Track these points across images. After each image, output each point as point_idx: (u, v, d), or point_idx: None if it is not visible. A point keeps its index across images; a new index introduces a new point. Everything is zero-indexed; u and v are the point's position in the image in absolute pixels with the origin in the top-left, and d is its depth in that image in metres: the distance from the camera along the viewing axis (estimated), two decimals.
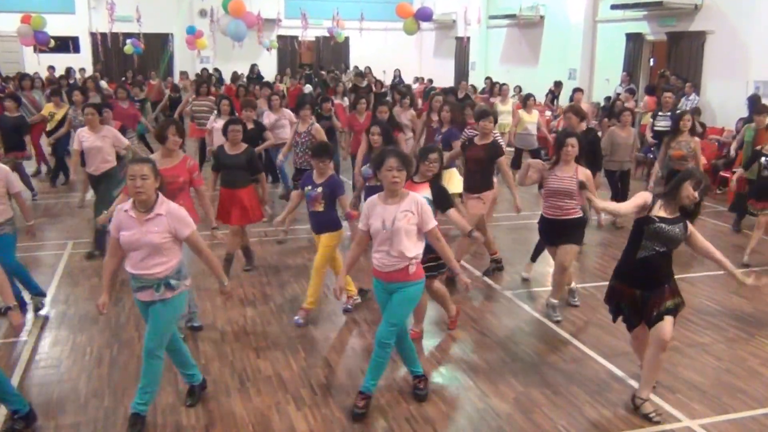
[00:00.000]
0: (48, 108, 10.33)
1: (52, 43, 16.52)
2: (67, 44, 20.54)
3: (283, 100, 9.84)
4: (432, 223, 3.89)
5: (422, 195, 4.42)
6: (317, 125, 7.64)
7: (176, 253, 3.75)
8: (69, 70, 17.09)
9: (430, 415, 4.05)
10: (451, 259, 4.03)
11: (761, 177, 6.74)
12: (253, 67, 19.11)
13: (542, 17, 17.26)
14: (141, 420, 3.81)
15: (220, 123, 7.50)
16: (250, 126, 7.82)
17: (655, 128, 9.10)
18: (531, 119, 9.68)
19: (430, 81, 19.20)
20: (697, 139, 7.41)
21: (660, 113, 9.22)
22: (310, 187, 5.22)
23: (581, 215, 5.34)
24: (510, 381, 4.45)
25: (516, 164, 9.33)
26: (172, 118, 6.66)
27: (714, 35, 12.38)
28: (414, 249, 3.85)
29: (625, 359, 4.72)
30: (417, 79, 20.50)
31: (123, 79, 16.47)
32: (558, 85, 15.39)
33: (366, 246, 4.07)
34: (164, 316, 3.74)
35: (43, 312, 5.48)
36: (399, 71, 19.70)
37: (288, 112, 9.23)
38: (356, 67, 20.71)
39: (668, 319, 3.90)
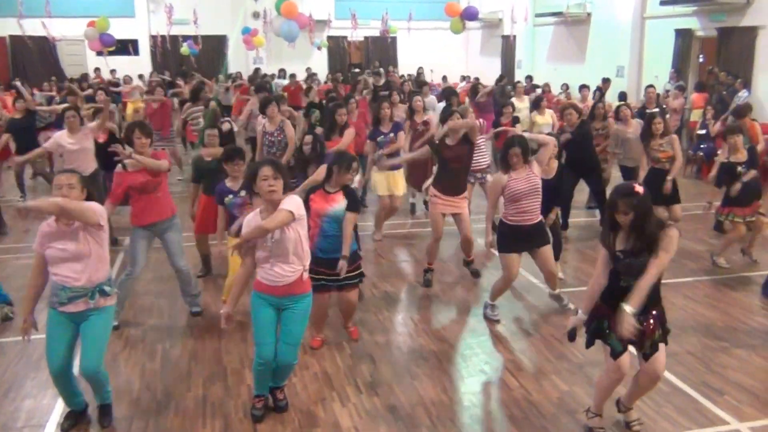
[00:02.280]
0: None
1: (113, 47, 17.11)
2: (127, 47, 21.29)
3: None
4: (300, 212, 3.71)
5: (338, 205, 4.51)
6: (288, 122, 7.44)
7: (105, 259, 3.70)
8: (85, 75, 17.62)
9: (475, 415, 4.08)
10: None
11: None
12: (308, 70, 19.19)
13: (589, 14, 16.98)
14: (110, 408, 3.93)
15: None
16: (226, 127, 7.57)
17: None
18: (545, 120, 9.46)
19: (477, 79, 19.12)
20: (674, 136, 7.07)
21: (647, 110, 8.85)
22: (231, 196, 5.10)
23: (542, 218, 5.22)
24: (554, 380, 4.44)
25: None
26: (139, 120, 6.65)
27: (766, 30, 11.96)
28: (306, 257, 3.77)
29: (672, 360, 4.60)
30: (464, 78, 20.44)
31: (160, 79, 16.81)
32: (606, 81, 15.06)
33: (252, 268, 3.82)
34: (104, 328, 3.72)
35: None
36: (422, 69, 19.46)
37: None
38: (375, 66, 20.72)
39: (662, 349, 3.57)
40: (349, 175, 4.61)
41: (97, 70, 18.16)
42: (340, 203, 4.56)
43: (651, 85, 9.87)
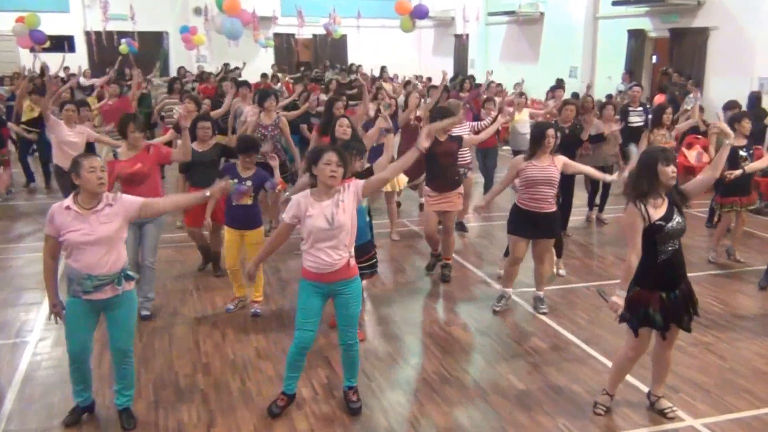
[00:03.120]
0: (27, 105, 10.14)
1: (47, 43, 16.42)
2: (62, 43, 20.43)
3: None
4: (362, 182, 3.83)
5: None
6: (284, 118, 7.40)
7: (124, 244, 3.72)
8: (43, 69, 16.95)
9: (432, 416, 4.03)
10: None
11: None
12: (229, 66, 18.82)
13: (542, 14, 17.18)
14: (131, 413, 3.90)
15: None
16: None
17: (630, 124, 8.89)
18: (521, 117, 9.58)
19: (429, 79, 19.15)
20: (673, 133, 7.26)
21: (630, 108, 9.08)
22: (236, 181, 5.08)
23: (556, 209, 5.34)
24: (512, 380, 4.43)
25: None
26: (132, 113, 6.56)
27: (717, 31, 12.32)
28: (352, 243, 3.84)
29: None
30: (417, 77, 20.43)
31: (109, 76, 16.22)
32: (557, 88, 15.15)
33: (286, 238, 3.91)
34: (130, 311, 3.76)
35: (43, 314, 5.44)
36: (386, 68, 19.42)
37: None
38: (326, 64, 20.56)
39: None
40: (359, 162, 4.63)
41: (46, 67, 17.24)
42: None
43: (637, 84, 9.97)
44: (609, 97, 13.61)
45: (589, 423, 3.93)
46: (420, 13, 15.52)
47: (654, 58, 14.68)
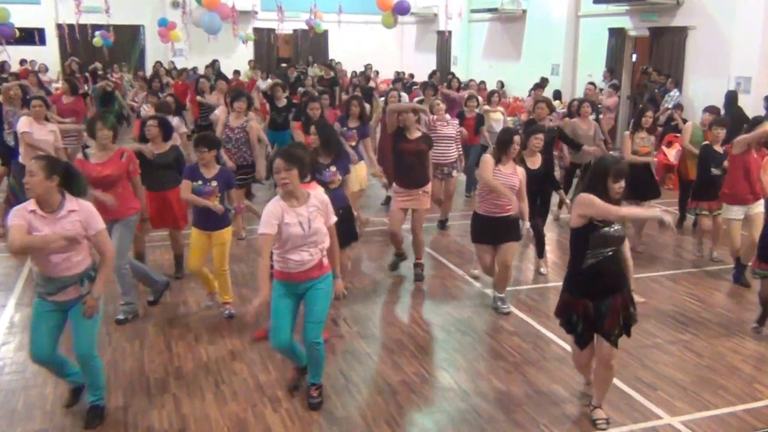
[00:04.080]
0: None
1: (17, 34, 16.01)
2: (32, 36, 19.98)
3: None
4: (334, 218, 3.90)
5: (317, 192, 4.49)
6: (253, 123, 7.18)
7: (89, 246, 3.65)
8: (3, 65, 16.57)
9: (410, 416, 3.98)
10: (337, 258, 4.02)
11: (711, 175, 6.38)
12: (215, 62, 18.60)
13: (524, 11, 17.19)
14: (101, 410, 3.86)
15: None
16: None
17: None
18: (495, 117, 9.54)
19: (411, 76, 19.09)
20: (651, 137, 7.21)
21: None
22: (200, 182, 4.98)
23: (515, 213, 5.27)
24: (491, 380, 4.39)
25: None
26: (101, 111, 6.38)
27: (695, 30, 12.41)
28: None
29: None
30: (398, 74, 20.36)
31: (69, 72, 15.85)
32: (539, 86, 15.13)
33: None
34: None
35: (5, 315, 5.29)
36: (370, 65, 19.34)
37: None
38: (309, 59, 20.44)
39: (612, 346, 3.75)
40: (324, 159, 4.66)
41: (22, 62, 16.86)
42: (317, 191, 4.42)
43: (591, 82, 10.03)
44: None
45: (570, 423, 3.90)
46: (402, 9, 15.41)
47: (634, 56, 14.76)
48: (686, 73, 12.65)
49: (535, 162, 5.83)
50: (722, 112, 8.29)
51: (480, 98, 9.86)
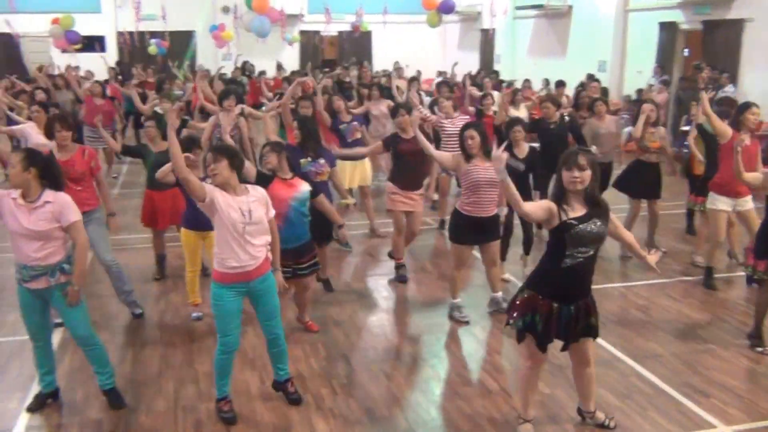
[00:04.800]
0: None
1: (80, 44, 16.65)
2: (93, 44, 20.73)
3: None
4: (273, 211, 3.90)
5: (302, 188, 4.55)
6: (244, 121, 7.20)
7: (65, 239, 3.78)
8: (40, 69, 17.15)
9: (453, 418, 3.96)
10: (277, 251, 4.02)
11: None
12: (245, 64, 18.83)
13: (570, 7, 16.90)
14: (116, 391, 4.06)
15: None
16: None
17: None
18: (519, 114, 9.32)
19: (454, 75, 18.99)
20: (662, 128, 6.87)
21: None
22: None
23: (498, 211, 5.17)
24: None
25: None
26: (59, 113, 6.36)
27: (753, 23, 11.93)
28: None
29: (655, 361, 4.56)
30: (440, 73, 20.28)
31: (114, 77, 16.35)
32: (591, 79, 14.83)
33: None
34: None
35: None
36: (398, 63, 19.28)
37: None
38: (352, 60, 20.48)
39: (588, 340, 3.59)
40: (271, 156, 4.53)
41: (68, 67, 17.52)
42: (302, 186, 4.57)
43: (596, 79, 10.12)
44: (639, 91, 13.33)
45: (620, 429, 3.81)
46: (447, 8, 15.37)
47: (686, 51, 14.31)
48: (742, 67, 12.19)
49: (521, 152, 5.74)
50: None
51: (495, 95, 9.67)
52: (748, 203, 5.70)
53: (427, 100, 10.62)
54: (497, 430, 3.83)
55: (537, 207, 3.43)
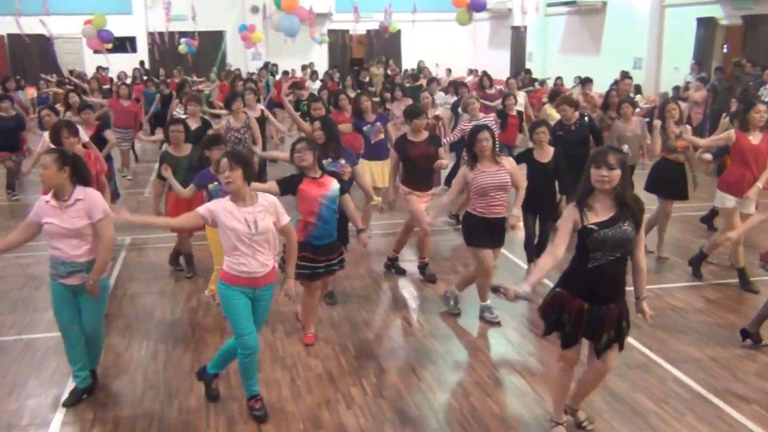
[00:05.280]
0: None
1: (110, 46, 16.97)
2: (124, 44, 21.11)
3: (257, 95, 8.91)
4: (286, 217, 3.87)
5: (332, 186, 4.52)
6: (254, 119, 7.21)
7: (96, 238, 3.86)
8: (71, 72, 17.52)
9: (484, 419, 3.92)
10: (294, 257, 4.00)
11: None
12: (267, 64, 18.90)
13: (605, 3, 16.64)
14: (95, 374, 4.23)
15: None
16: (196, 124, 7.08)
17: None
18: (555, 116, 9.11)
19: (484, 73, 18.87)
20: (687, 126, 6.69)
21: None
22: (216, 184, 4.94)
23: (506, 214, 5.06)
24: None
25: None
26: (66, 120, 6.33)
27: None
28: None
29: (693, 365, 4.45)
30: (470, 72, 20.15)
31: (139, 78, 16.68)
32: (625, 76, 14.53)
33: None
34: (102, 299, 4.00)
35: None
36: (422, 62, 19.18)
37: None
38: (381, 59, 20.47)
39: (615, 348, 3.48)
40: (296, 155, 4.49)
41: (99, 69, 17.94)
42: (333, 185, 4.57)
43: (629, 76, 9.84)
44: (676, 89, 13.04)
45: None
46: (478, 5, 15.24)
47: (725, 47, 13.94)
48: None
49: (546, 155, 5.62)
50: None
51: (523, 95, 9.55)
52: (751, 206, 5.63)
53: (442, 99, 10.57)
54: None
55: (565, 236, 3.34)
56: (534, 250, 5.89)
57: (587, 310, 3.37)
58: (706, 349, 4.70)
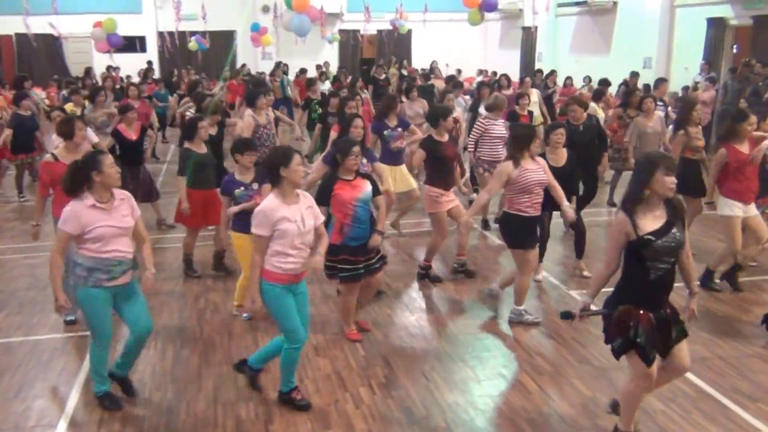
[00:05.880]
0: (68, 107, 9.77)
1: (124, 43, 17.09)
2: (134, 44, 21.19)
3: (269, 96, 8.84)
4: (322, 217, 3.99)
5: (366, 188, 4.56)
6: (278, 112, 7.42)
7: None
8: (89, 70, 17.55)
9: (491, 419, 3.94)
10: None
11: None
12: (279, 64, 18.87)
13: (615, 3, 16.58)
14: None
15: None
16: (212, 131, 6.89)
17: None
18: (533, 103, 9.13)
19: (494, 73, 18.83)
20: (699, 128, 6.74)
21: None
22: (242, 188, 5.01)
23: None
24: (576, 385, 4.27)
25: None
26: (78, 115, 6.45)
27: None
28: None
29: (701, 365, 4.44)
30: (481, 72, 20.13)
31: (129, 77, 16.78)
32: (634, 76, 14.47)
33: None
34: (141, 290, 4.01)
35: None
36: (436, 62, 19.17)
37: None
38: (395, 60, 20.49)
39: (685, 342, 3.43)
40: (352, 159, 4.53)
41: (109, 68, 18.06)
42: (366, 187, 4.61)
43: (664, 79, 9.89)
44: (685, 89, 12.98)
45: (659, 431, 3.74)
46: (489, 5, 15.21)
47: (735, 47, 13.86)
48: None
49: (559, 159, 5.64)
50: None
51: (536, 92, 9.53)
52: (753, 209, 5.60)
53: (460, 100, 10.57)
54: None
55: (618, 248, 3.32)
56: (545, 249, 5.95)
57: (654, 318, 3.30)
58: (714, 348, 4.70)
